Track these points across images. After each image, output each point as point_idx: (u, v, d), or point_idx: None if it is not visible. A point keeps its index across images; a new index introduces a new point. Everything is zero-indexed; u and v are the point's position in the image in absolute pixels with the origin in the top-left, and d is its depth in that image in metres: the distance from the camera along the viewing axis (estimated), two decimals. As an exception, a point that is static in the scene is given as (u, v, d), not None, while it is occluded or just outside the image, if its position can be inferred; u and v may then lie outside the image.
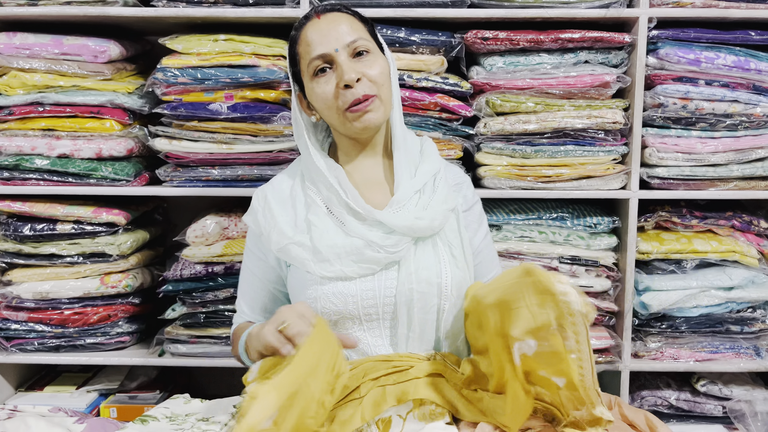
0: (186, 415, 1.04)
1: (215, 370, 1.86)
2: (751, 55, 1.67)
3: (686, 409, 1.76)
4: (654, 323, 1.74)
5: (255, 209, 1.23)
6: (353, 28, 1.14)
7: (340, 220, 1.17)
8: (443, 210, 1.17)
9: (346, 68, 1.11)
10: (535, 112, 1.68)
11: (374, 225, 1.15)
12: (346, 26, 1.13)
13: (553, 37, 1.65)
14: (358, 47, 1.13)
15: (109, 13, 1.66)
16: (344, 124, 1.15)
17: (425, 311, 1.15)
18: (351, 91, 1.11)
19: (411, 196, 1.18)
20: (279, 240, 1.17)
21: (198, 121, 1.70)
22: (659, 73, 1.67)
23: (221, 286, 1.74)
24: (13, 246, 1.75)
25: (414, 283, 1.13)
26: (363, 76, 1.12)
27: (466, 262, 1.19)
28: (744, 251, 1.71)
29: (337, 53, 1.12)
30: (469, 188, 1.30)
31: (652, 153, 1.68)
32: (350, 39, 1.12)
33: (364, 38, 1.14)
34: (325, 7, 1.17)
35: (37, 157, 1.72)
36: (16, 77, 1.71)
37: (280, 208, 1.21)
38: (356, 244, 1.13)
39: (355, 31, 1.14)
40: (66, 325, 1.76)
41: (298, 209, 1.21)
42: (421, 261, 1.15)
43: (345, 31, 1.13)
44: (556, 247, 1.71)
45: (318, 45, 1.13)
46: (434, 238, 1.17)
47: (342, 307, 1.14)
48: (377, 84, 1.13)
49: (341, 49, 1.12)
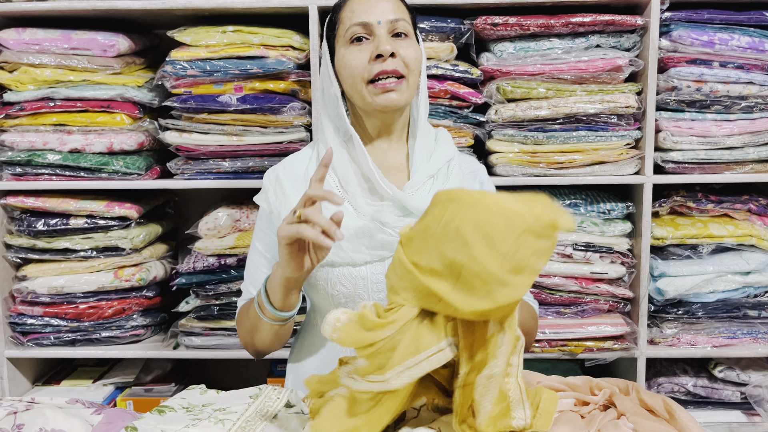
0: (203, 406, 1.04)
1: (230, 362, 1.87)
2: (766, 36, 1.65)
3: (704, 395, 1.75)
4: (670, 309, 1.73)
5: (266, 188, 1.23)
6: (399, 9, 1.16)
7: (352, 204, 1.16)
8: None
9: (384, 40, 1.12)
10: (547, 98, 1.66)
11: (386, 208, 1.14)
12: (393, 5, 1.15)
13: (563, 21, 1.63)
14: (399, 28, 1.14)
15: (117, 7, 1.66)
16: (365, 97, 1.14)
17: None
18: (382, 63, 1.12)
19: (425, 181, 1.18)
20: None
21: (208, 114, 1.70)
22: (672, 55, 1.65)
23: (234, 278, 1.74)
24: (27, 241, 1.76)
25: None
26: (398, 53, 1.13)
27: None
28: (761, 235, 1.69)
29: (379, 25, 1.13)
30: (484, 175, 1.29)
31: (666, 137, 1.66)
32: (394, 17, 1.14)
33: (407, 21, 1.16)
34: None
35: (49, 152, 1.73)
36: (27, 73, 1.71)
37: (292, 186, 1.20)
38: (369, 226, 1.12)
39: (401, 12, 1.16)
40: (81, 319, 1.77)
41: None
42: None
43: (391, 8, 1.14)
44: (570, 233, 1.69)
45: (362, 13, 1.14)
46: None
47: (352, 290, 1.14)
48: (409, 67, 1.13)
49: (384, 22, 1.13)
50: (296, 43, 1.70)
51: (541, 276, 1.70)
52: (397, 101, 1.13)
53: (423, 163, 1.19)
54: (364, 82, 1.13)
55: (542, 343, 1.71)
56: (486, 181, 1.28)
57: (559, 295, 1.72)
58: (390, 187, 1.14)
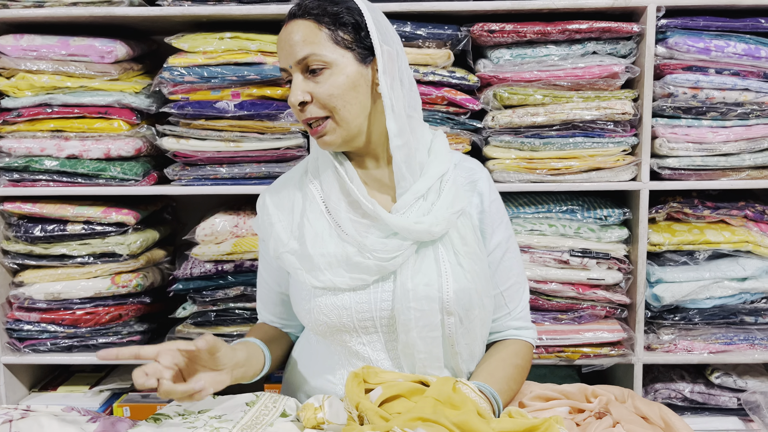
0: (198, 412, 1.04)
1: (227, 368, 1.86)
2: (762, 42, 1.65)
3: (701, 401, 1.75)
4: (667, 315, 1.73)
5: (258, 215, 1.22)
6: (309, 39, 1.04)
7: (335, 221, 1.11)
8: (447, 214, 1.09)
9: (293, 89, 1.06)
10: (543, 105, 1.67)
11: (370, 228, 1.10)
12: (302, 36, 1.05)
13: (560, 28, 1.63)
14: (312, 64, 1.05)
15: (115, 14, 1.67)
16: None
17: (429, 329, 1.08)
18: (300, 112, 1.08)
19: (412, 203, 1.11)
20: (276, 247, 1.14)
21: (205, 120, 1.70)
22: (668, 62, 1.65)
23: (231, 284, 1.74)
24: (24, 247, 1.75)
25: (412, 301, 1.07)
26: (313, 96, 1.06)
27: (476, 271, 1.11)
28: (757, 241, 1.70)
29: (291, 69, 1.07)
30: (486, 184, 1.19)
31: (662, 143, 1.67)
32: (301, 55, 1.04)
33: (318, 52, 1.04)
34: (292, 12, 1.08)
35: (47, 158, 1.73)
36: (24, 79, 1.71)
37: (278, 212, 1.17)
38: (348, 251, 1.08)
39: (310, 44, 1.04)
40: (78, 325, 1.77)
41: (295, 211, 1.16)
42: (421, 273, 1.08)
43: (299, 44, 1.04)
44: (567, 239, 1.70)
45: (280, 57, 1.09)
46: (436, 245, 1.10)
47: (336, 320, 1.10)
48: (329, 104, 1.05)
49: (294, 65, 1.06)
50: (293, 50, 1.70)
51: (538, 282, 1.70)
52: (331, 143, 1.09)
53: (411, 183, 1.12)
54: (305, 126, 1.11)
55: (539, 350, 1.71)
56: (488, 191, 1.19)
57: (556, 301, 1.72)
58: (372, 204, 1.09)
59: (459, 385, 1.00)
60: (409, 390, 0.97)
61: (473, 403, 0.96)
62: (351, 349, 1.14)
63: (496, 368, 1.14)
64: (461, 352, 1.13)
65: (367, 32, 1.07)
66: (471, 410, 0.92)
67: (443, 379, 0.98)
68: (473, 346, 1.15)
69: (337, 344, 1.15)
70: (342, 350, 1.16)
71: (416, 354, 1.09)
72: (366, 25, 1.07)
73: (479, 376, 1.12)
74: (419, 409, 0.90)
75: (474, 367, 1.17)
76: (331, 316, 1.10)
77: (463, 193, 1.16)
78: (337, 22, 1.06)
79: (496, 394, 1.05)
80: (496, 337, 1.22)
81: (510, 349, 1.19)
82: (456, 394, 0.97)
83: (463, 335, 1.12)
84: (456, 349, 1.12)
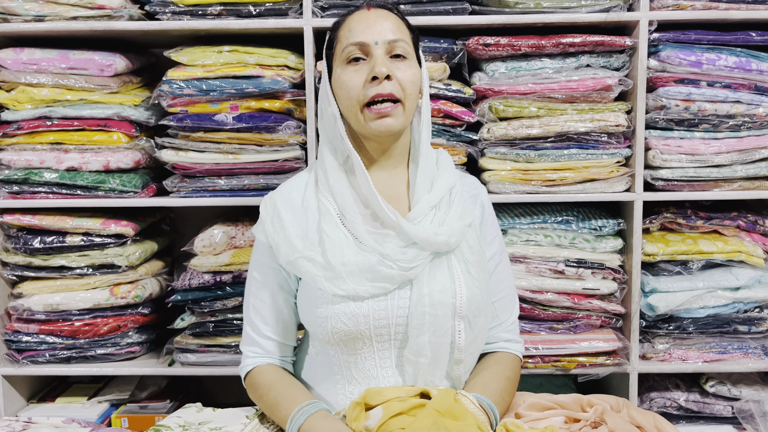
0: (199, 424, 1.05)
1: (225, 379, 1.87)
2: (753, 55, 1.68)
3: (695, 410, 1.76)
4: (661, 325, 1.74)
5: (263, 219, 1.19)
6: (399, 29, 1.13)
7: (352, 233, 1.13)
8: (460, 226, 1.14)
9: (380, 61, 1.09)
10: (538, 117, 1.69)
11: (388, 238, 1.12)
12: (393, 24, 1.12)
13: (554, 41, 1.66)
14: (398, 49, 1.11)
15: (115, 28, 1.68)
16: (360, 121, 1.12)
17: (439, 335, 1.11)
18: (377, 85, 1.09)
19: (427, 212, 1.15)
20: (288, 253, 1.13)
21: (204, 132, 1.71)
22: (661, 75, 1.68)
23: (230, 295, 1.75)
24: (24, 259, 1.76)
25: (427, 306, 1.10)
26: (394, 76, 1.10)
27: (483, 280, 1.15)
28: (750, 251, 1.71)
29: (376, 45, 1.10)
30: (485, 198, 1.26)
31: (655, 155, 1.69)
32: (393, 37, 1.11)
33: (406, 42, 1.13)
34: (376, 3, 1.17)
35: (46, 170, 1.74)
36: (24, 92, 1.73)
37: (290, 216, 1.17)
38: (370, 260, 1.09)
39: (401, 32, 1.13)
40: (76, 337, 1.77)
41: (309, 218, 1.17)
42: (436, 280, 1.12)
43: (390, 28, 1.11)
44: (562, 250, 1.71)
45: (360, 33, 1.11)
46: (449, 255, 1.14)
47: (353, 327, 1.10)
48: (405, 90, 1.11)
49: (381, 43, 1.10)
50: (291, 63, 1.72)
51: (534, 292, 1.71)
52: (392, 127, 1.11)
53: (424, 193, 1.16)
54: (360, 105, 1.11)
55: (535, 359, 1.72)
56: (487, 204, 1.26)
57: (552, 311, 1.74)
58: (393, 213, 1.11)
59: (459, 397, 1.01)
60: (411, 407, 0.98)
61: (473, 416, 0.97)
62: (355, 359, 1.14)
63: (490, 380, 1.16)
64: (465, 361, 1.15)
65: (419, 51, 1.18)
66: (471, 423, 0.93)
67: (444, 391, 1.00)
68: (474, 356, 1.18)
69: (341, 354, 1.15)
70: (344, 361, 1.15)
71: (421, 360, 1.11)
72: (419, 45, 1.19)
73: (474, 388, 1.13)
74: (419, 422, 0.91)
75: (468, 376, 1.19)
76: (349, 324, 1.10)
77: (470, 207, 1.20)
78: (411, 28, 1.18)
79: (493, 406, 1.07)
80: (487, 348, 1.25)
81: (501, 363, 1.22)
82: (457, 405, 0.98)
83: (470, 343, 1.14)
84: (459, 356, 1.14)
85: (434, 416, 0.92)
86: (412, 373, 1.12)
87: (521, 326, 1.72)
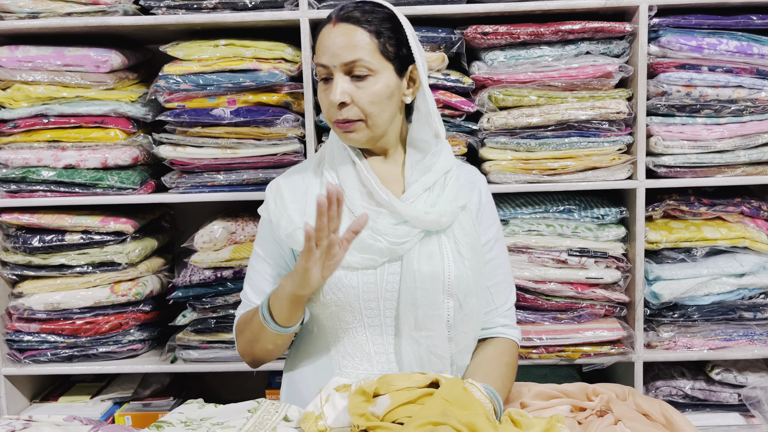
0: (201, 420, 1.04)
1: (228, 375, 1.87)
2: (754, 39, 1.66)
3: (701, 398, 1.75)
4: (666, 313, 1.73)
5: (267, 198, 1.25)
6: (359, 45, 1.11)
7: (348, 207, 1.18)
8: (452, 207, 1.17)
9: (335, 88, 1.12)
10: (538, 105, 1.67)
11: (382, 216, 1.16)
12: (352, 42, 1.11)
13: (553, 29, 1.64)
14: (356, 70, 1.12)
15: (110, 23, 1.67)
16: (335, 132, 1.19)
17: (434, 307, 1.14)
18: (337, 110, 1.14)
19: (420, 193, 1.19)
20: (287, 226, 1.17)
21: (201, 127, 1.70)
22: (662, 61, 1.66)
23: (231, 290, 1.74)
24: (23, 258, 1.75)
25: (418, 281, 1.14)
26: (352, 100, 1.13)
27: (474, 262, 1.18)
28: (754, 237, 1.70)
29: (334, 68, 1.13)
30: (484, 186, 1.29)
31: (657, 141, 1.67)
32: (350, 59, 1.11)
33: (366, 59, 1.11)
34: (343, 15, 1.14)
35: (44, 168, 1.73)
36: (20, 90, 1.72)
37: (291, 194, 1.22)
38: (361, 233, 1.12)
39: (359, 50, 1.11)
40: (78, 335, 1.77)
41: (309, 197, 1.22)
42: (424, 256, 1.15)
43: (349, 47, 1.11)
44: (565, 239, 1.70)
45: (322, 54, 1.14)
46: (440, 234, 1.17)
47: (343, 297, 1.15)
48: (365, 110, 1.13)
49: (338, 66, 1.12)
50: (288, 56, 1.71)
51: (537, 282, 1.70)
52: (357, 141, 1.17)
53: (419, 176, 1.20)
54: (330, 120, 1.17)
55: (539, 349, 1.71)
56: (485, 192, 1.29)
57: (555, 301, 1.73)
58: (386, 193, 1.16)
59: (467, 386, 1.01)
60: (419, 396, 0.98)
61: (481, 405, 0.97)
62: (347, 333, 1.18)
63: (491, 367, 1.19)
64: (458, 340, 1.18)
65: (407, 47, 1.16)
66: (480, 413, 0.93)
67: (453, 380, 1.00)
68: (469, 338, 1.20)
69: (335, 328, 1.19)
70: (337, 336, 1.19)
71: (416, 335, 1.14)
72: (407, 41, 1.16)
73: (475, 375, 1.16)
74: (428, 411, 0.91)
75: (467, 359, 1.22)
76: (338, 294, 1.15)
77: (466, 191, 1.23)
78: (384, 35, 1.14)
79: (497, 393, 1.08)
80: (485, 333, 1.26)
81: (499, 348, 1.24)
82: (466, 394, 0.97)
83: (462, 322, 1.17)
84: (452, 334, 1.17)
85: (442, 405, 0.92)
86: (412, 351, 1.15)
87: (525, 316, 1.72)
